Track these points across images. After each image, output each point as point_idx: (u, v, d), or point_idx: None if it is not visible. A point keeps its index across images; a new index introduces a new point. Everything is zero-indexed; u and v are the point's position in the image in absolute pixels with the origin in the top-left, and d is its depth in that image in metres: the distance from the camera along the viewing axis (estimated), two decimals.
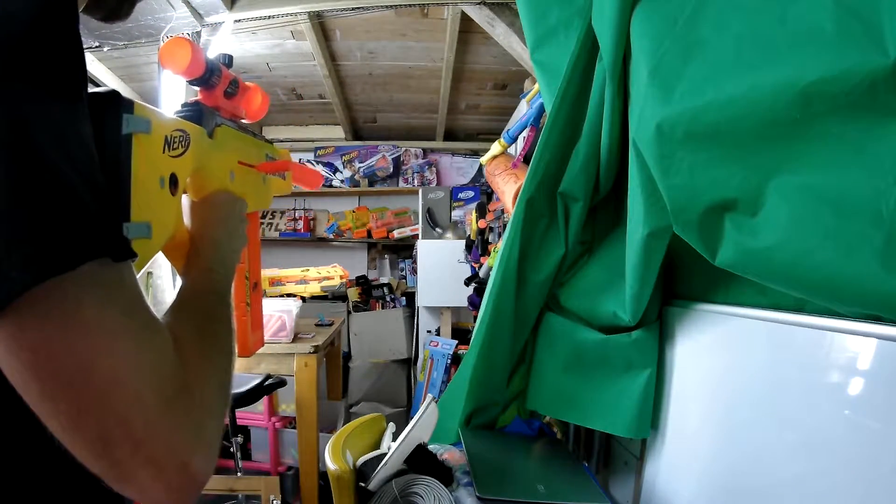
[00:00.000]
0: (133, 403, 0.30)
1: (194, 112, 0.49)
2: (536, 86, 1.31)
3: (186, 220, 0.48)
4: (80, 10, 0.44)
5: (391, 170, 3.56)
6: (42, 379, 0.28)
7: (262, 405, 2.43)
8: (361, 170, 3.53)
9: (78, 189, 0.29)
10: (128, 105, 0.35)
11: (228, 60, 0.54)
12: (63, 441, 0.29)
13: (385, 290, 3.40)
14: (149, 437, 0.30)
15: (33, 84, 0.28)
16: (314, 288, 2.88)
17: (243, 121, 0.60)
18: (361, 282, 3.37)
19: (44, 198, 0.27)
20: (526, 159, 1.35)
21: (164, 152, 0.39)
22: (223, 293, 0.45)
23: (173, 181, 0.41)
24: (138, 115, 0.35)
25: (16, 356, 0.28)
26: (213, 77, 0.51)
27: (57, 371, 0.28)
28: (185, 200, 0.50)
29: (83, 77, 0.30)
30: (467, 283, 2.32)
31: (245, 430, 2.51)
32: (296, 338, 2.07)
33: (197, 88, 0.52)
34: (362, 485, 0.86)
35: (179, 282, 0.46)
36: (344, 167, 3.53)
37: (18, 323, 0.27)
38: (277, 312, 2.00)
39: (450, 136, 3.61)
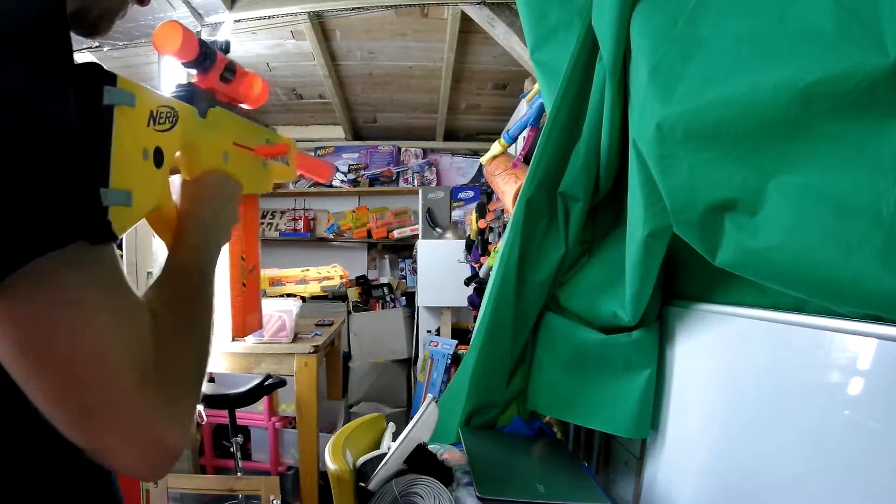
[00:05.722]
0: (112, 378, 0.31)
1: (185, 92, 0.51)
2: (536, 86, 1.31)
3: (176, 197, 0.49)
4: None
5: (394, 177, 3.58)
6: (29, 354, 0.29)
7: (262, 405, 2.43)
8: (366, 176, 3.56)
9: (66, 169, 0.30)
10: (109, 77, 0.36)
11: (225, 46, 0.56)
12: (47, 415, 0.31)
13: (385, 290, 3.40)
14: (126, 411, 0.32)
15: (24, 62, 0.28)
16: (314, 288, 2.88)
17: (243, 106, 0.61)
18: (361, 282, 3.37)
19: (35, 177, 0.28)
20: (526, 159, 1.35)
21: (149, 126, 0.41)
22: (205, 271, 0.46)
23: (158, 154, 0.42)
24: (122, 88, 0.37)
25: (5, 333, 0.29)
26: (208, 60, 0.52)
27: (43, 346, 0.29)
28: (178, 179, 0.51)
29: (70, 56, 0.31)
30: (467, 283, 2.32)
31: (245, 430, 2.51)
32: (296, 338, 2.06)
33: (194, 72, 0.53)
34: (362, 485, 0.86)
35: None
36: (349, 173, 3.55)
37: (8, 300, 0.28)
38: (277, 312, 2.00)
39: (450, 136, 3.61)
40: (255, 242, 0.65)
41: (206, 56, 0.52)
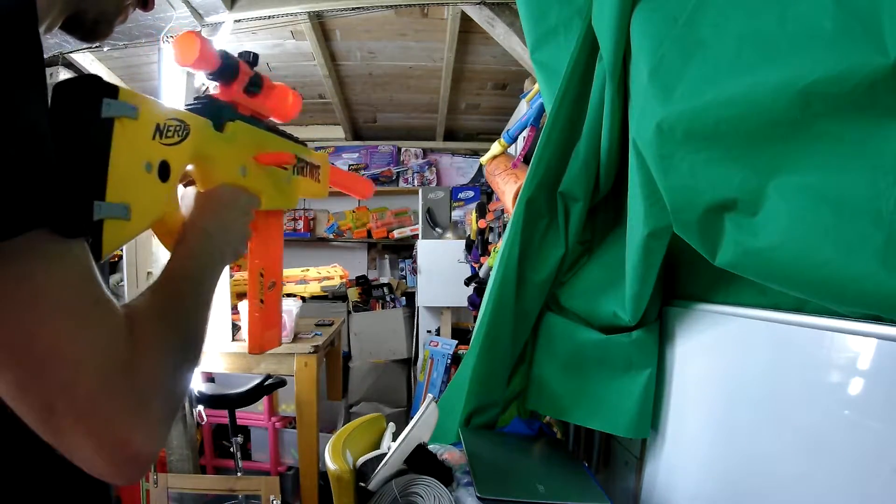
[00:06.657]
0: (73, 376, 0.30)
1: (201, 105, 0.50)
2: (536, 86, 1.31)
3: (187, 209, 0.49)
4: (59, 27, 0.45)
5: (394, 177, 3.59)
6: None
7: (262, 405, 2.44)
8: (366, 176, 3.56)
9: (27, 161, 0.29)
10: (110, 90, 0.35)
11: (252, 58, 0.55)
12: (13, 408, 0.30)
13: (385, 290, 3.40)
14: (88, 411, 0.31)
15: None
16: (314, 288, 2.88)
17: (272, 120, 0.60)
18: (361, 282, 3.37)
19: None
20: (526, 159, 1.35)
21: (154, 139, 0.40)
22: (200, 280, 0.45)
23: (164, 168, 0.41)
24: (124, 100, 0.36)
25: None
26: (229, 72, 0.51)
27: (1, 339, 0.29)
28: (192, 191, 0.51)
29: (38, 55, 0.30)
30: (467, 283, 2.32)
31: (245, 430, 2.51)
32: (296, 338, 2.06)
33: (216, 83, 0.52)
34: (362, 485, 0.86)
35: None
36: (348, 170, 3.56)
37: None
38: None
39: (450, 136, 3.61)
40: (276, 258, 0.64)
41: (226, 68, 0.51)
